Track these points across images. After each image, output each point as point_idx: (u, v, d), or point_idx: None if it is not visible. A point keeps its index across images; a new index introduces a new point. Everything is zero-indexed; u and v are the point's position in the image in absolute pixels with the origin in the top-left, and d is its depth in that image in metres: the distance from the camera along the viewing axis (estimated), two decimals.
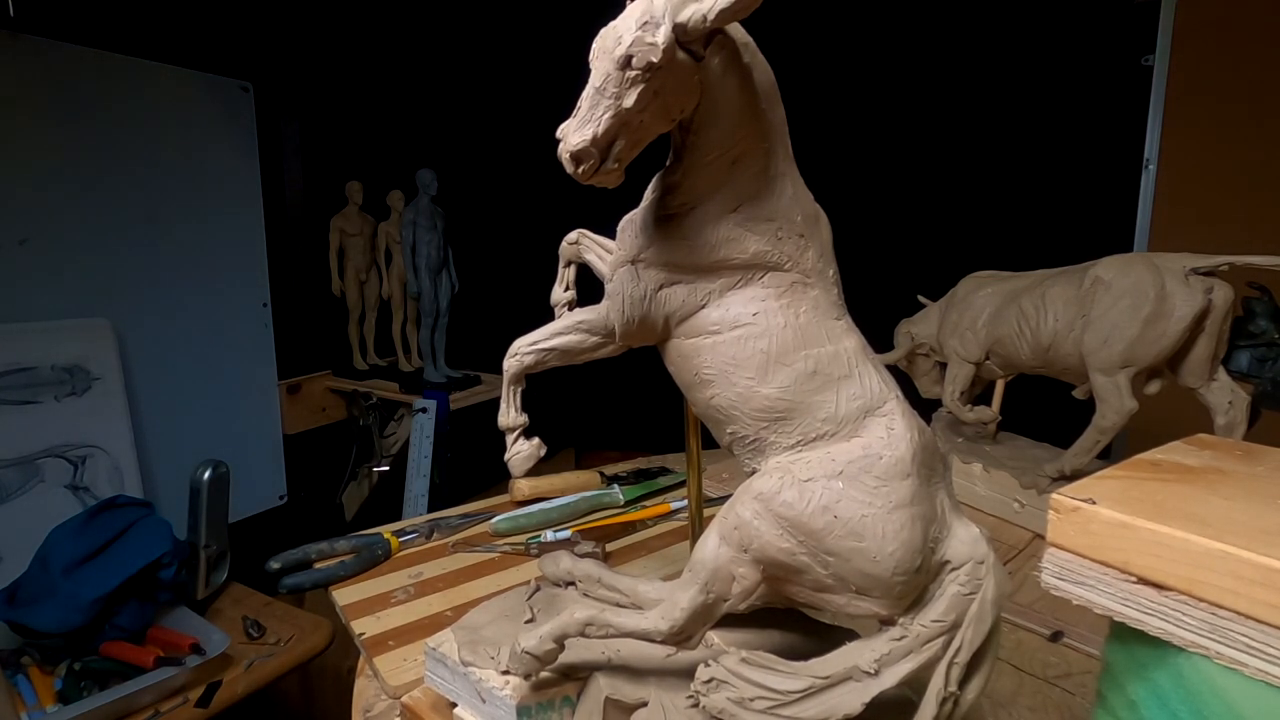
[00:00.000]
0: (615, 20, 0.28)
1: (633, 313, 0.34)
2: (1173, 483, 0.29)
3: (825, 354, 0.32)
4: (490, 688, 0.37)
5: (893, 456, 0.30)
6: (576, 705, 0.37)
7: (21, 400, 1.32)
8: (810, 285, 0.34)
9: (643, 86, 0.27)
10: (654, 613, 0.33)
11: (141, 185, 1.52)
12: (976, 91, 1.42)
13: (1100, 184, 1.29)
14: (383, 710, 0.48)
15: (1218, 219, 1.16)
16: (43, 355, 1.35)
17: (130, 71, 1.48)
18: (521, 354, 0.37)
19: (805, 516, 0.30)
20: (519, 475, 0.39)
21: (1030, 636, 0.54)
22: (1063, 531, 0.28)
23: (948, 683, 0.29)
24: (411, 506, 1.53)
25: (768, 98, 0.32)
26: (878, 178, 1.56)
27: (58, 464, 1.37)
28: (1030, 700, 0.46)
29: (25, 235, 1.35)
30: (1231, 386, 0.64)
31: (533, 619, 0.41)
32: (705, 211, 0.33)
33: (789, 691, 0.31)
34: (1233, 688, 0.24)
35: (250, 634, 0.86)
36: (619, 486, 0.83)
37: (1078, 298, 0.69)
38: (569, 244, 0.44)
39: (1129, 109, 1.23)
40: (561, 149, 0.28)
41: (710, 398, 0.34)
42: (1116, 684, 0.28)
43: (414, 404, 1.59)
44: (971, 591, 0.30)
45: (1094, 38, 1.27)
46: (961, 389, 0.82)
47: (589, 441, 2.01)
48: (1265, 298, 0.65)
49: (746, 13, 0.26)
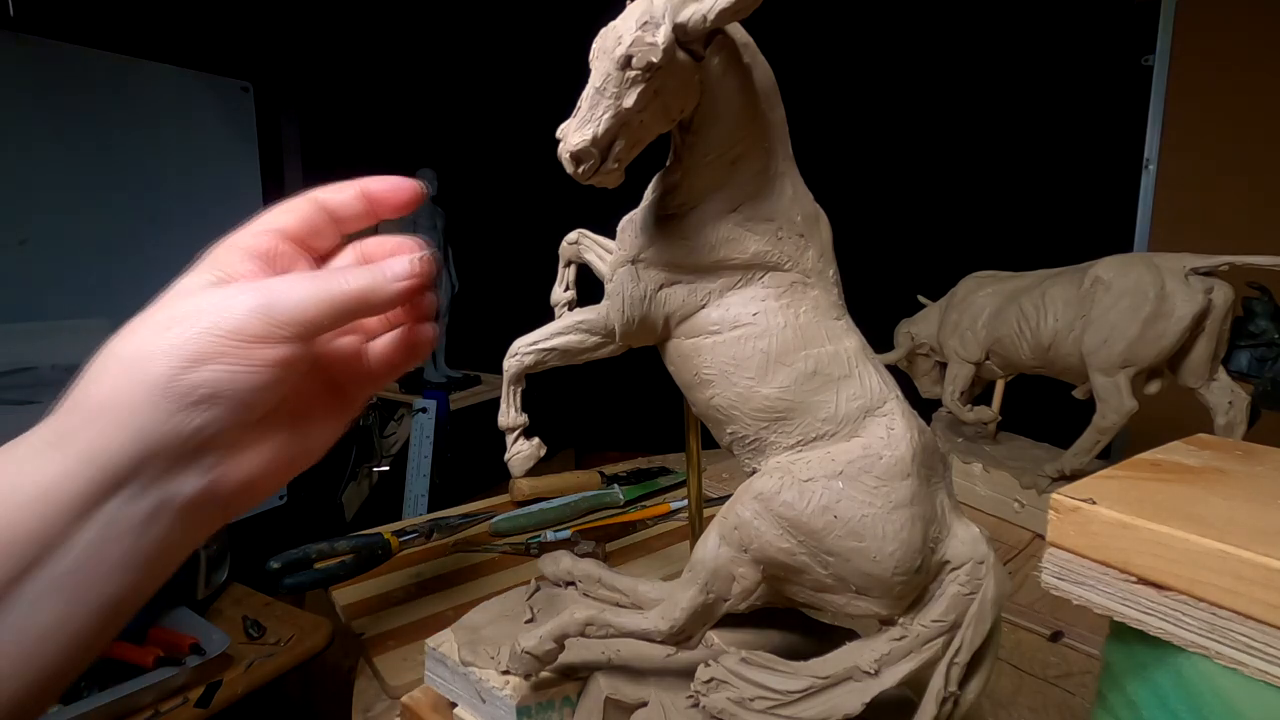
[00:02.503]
0: (615, 20, 0.28)
1: (633, 313, 0.34)
2: (1173, 483, 0.29)
3: (825, 354, 0.32)
4: (490, 688, 0.37)
5: (893, 456, 0.30)
6: (576, 705, 0.37)
7: (21, 400, 1.32)
8: (810, 285, 0.34)
9: (643, 86, 0.27)
10: (654, 613, 0.33)
11: (141, 185, 1.52)
12: (976, 91, 1.43)
13: (1100, 184, 1.29)
14: (383, 710, 0.48)
15: (1218, 219, 1.16)
16: (43, 355, 1.35)
17: (130, 71, 1.48)
18: (521, 354, 0.37)
19: (805, 516, 0.30)
20: (519, 475, 0.39)
21: (1030, 636, 0.54)
22: (1063, 531, 0.28)
23: (948, 683, 0.29)
24: (411, 506, 1.53)
25: (768, 98, 0.32)
26: (878, 178, 1.56)
27: None
28: (1030, 700, 0.46)
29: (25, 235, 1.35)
30: (1231, 386, 0.64)
31: (533, 619, 0.41)
32: (705, 211, 0.33)
33: (789, 691, 0.31)
34: (1233, 688, 0.24)
35: (250, 634, 0.85)
36: (619, 486, 0.83)
37: (1078, 298, 0.69)
38: (569, 244, 0.44)
39: (1129, 109, 1.23)
40: (561, 149, 0.28)
41: (710, 398, 0.34)
42: (1116, 684, 0.28)
43: (414, 404, 1.59)
44: (971, 591, 0.30)
45: (1094, 38, 1.27)
46: (961, 389, 0.82)
47: (589, 442, 2.01)
48: (1265, 298, 0.65)
49: (747, 13, 0.26)
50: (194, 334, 0.28)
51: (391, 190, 0.37)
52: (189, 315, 0.28)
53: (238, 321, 0.28)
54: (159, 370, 0.27)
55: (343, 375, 0.38)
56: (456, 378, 1.72)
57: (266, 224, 0.34)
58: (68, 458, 0.27)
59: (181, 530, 0.30)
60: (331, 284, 0.31)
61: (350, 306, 0.31)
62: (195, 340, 0.28)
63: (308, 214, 0.35)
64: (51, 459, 0.27)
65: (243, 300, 0.29)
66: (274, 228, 0.34)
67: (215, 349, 0.28)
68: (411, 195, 0.37)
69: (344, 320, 0.32)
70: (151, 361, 0.27)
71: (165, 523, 0.29)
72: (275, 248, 0.33)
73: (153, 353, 0.28)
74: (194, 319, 0.28)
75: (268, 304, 0.29)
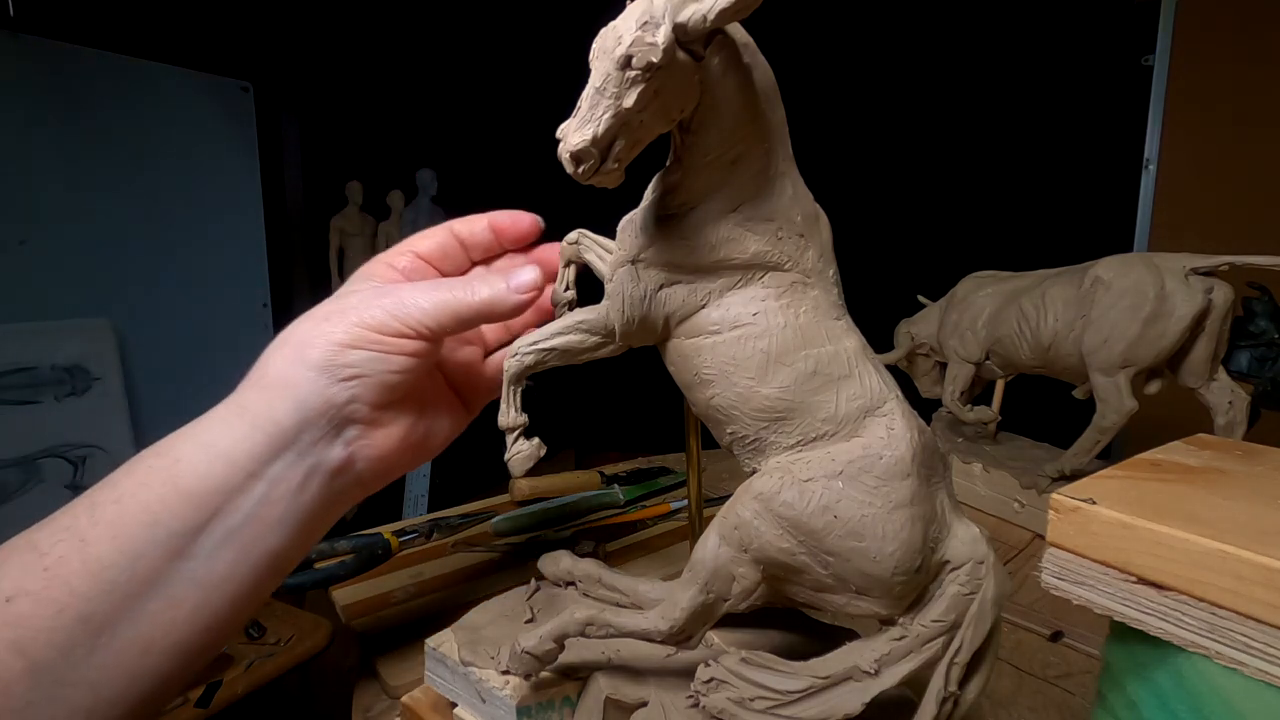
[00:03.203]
0: (615, 20, 0.28)
1: (633, 313, 0.34)
2: (1173, 483, 0.29)
3: (825, 354, 0.32)
4: (490, 688, 0.37)
5: (893, 456, 0.30)
6: (576, 705, 0.37)
7: (21, 400, 1.32)
8: (810, 285, 0.33)
9: (643, 86, 0.27)
10: (654, 613, 0.33)
11: (141, 185, 1.52)
12: (976, 91, 1.43)
13: (1100, 184, 1.29)
14: (383, 710, 0.48)
15: (1218, 219, 1.16)
16: (43, 355, 1.35)
17: (130, 71, 1.48)
18: (521, 354, 0.37)
19: (805, 516, 0.30)
20: (519, 475, 0.39)
21: (1030, 636, 0.54)
22: (1063, 531, 0.28)
23: (948, 683, 0.29)
24: (411, 506, 1.53)
25: (768, 98, 0.32)
26: (877, 178, 1.56)
27: (58, 464, 1.37)
28: (1030, 700, 0.46)
29: (25, 235, 1.35)
30: (1231, 386, 0.64)
31: (533, 619, 0.41)
32: (705, 211, 0.33)
33: (789, 691, 0.31)
34: (1233, 688, 0.24)
35: (250, 634, 0.86)
36: (619, 486, 0.83)
37: (1078, 298, 0.69)
38: (569, 244, 0.44)
39: (1129, 109, 1.23)
40: (561, 149, 0.28)
41: (710, 398, 0.34)
42: (1116, 684, 0.28)
43: None
44: (971, 591, 0.30)
45: (1094, 38, 1.27)
46: (961, 389, 0.82)
47: (589, 442, 2.01)
48: (1265, 298, 0.65)
49: (747, 13, 0.26)
50: (345, 326, 0.35)
51: (511, 223, 0.43)
52: (343, 311, 0.35)
53: (377, 319, 0.35)
54: (317, 354, 0.34)
55: (462, 383, 0.44)
56: None
57: (407, 245, 0.41)
58: (244, 423, 0.32)
59: (329, 496, 0.36)
60: (457, 291, 0.37)
61: (474, 312, 0.37)
62: (345, 331, 0.35)
63: (442, 240, 0.42)
64: (233, 425, 0.33)
65: (381, 303, 0.36)
66: (412, 249, 0.41)
67: (360, 339, 0.35)
68: (529, 227, 0.44)
69: (468, 324, 0.38)
70: (312, 347, 0.34)
71: (316, 486, 0.34)
72: (413, 264, 0.41)
73: (314, 340, 0.34)
74: (346, 314, 0.35)
75: (399, 305, 0.36)
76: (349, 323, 0.35)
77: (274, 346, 0.35)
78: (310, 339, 0.35)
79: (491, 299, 0.37)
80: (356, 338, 0.35)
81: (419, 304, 0.36)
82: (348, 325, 0.35)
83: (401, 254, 0.40)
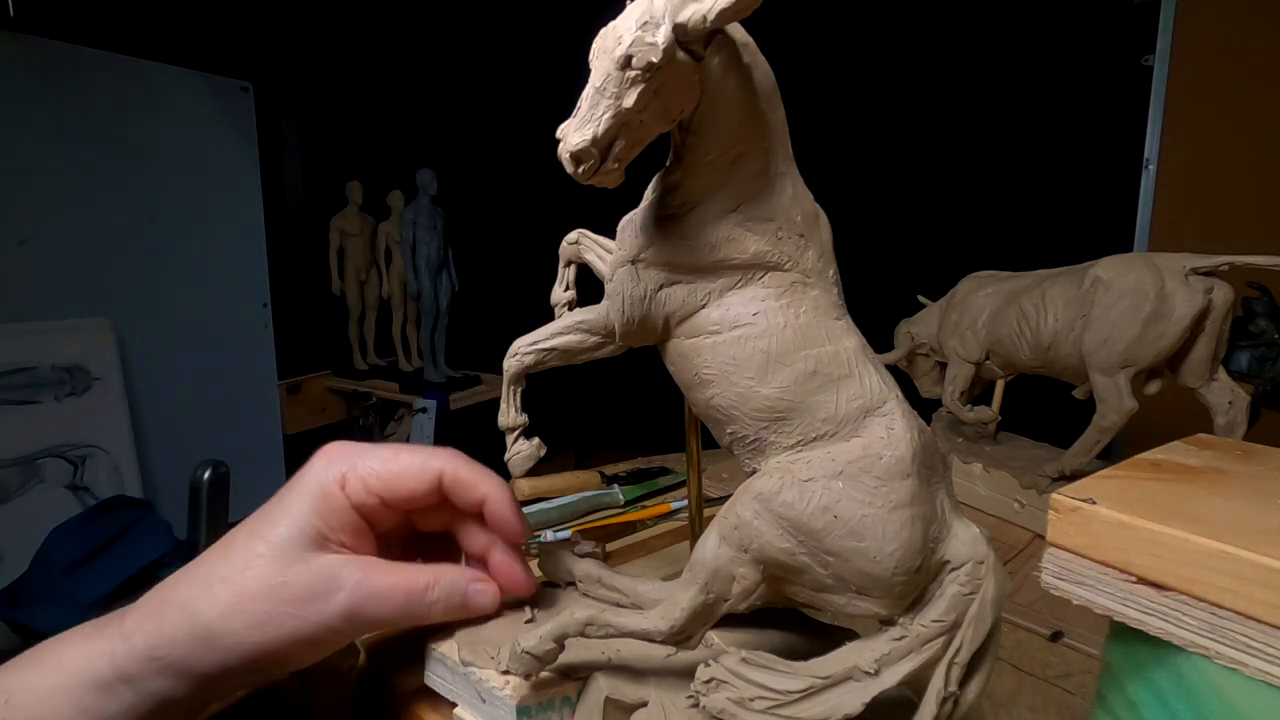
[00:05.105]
0: (615, 20, 0.28)
1: (633, 313, 0.34)
2: (1173, 483, 0.29)
3: (825, 354, 0.32)
4: (490, 688, 0.37)
5: (893, 456, 0.30)
6: (576, 705, 0.37)
7: (21, 400, 1.32)
8: (810, 285, 0.33)
9: (643, 86, 0.27)
10: (654, 613, 0.33)
11: (141, 185, 1.52)
12: (976, 91, 1.43)
13: (1100, 184, 1.29)
14: (383, 711, 0.48)
15: (1218, 219, 1.16)
16: (43, 355, 1.35)
17: (130, 71, 1.48)
18: (521, 354, 0.37)
19: (805, 516, 0.30)
20: (519, 475, 0.39)
21: (1030, 636, 0.54)
22: (1063, 531, 0.28)
23: (948, 683, 0.29)
24: None
25: (768, 98, 0.32)
26: (877, 178, 1.56)
27: (58, 464, 1.37)
28: (1030, 700, 0.46)
29: (25, 235, 1.35)
30: (1231, 386, 0.64)
31: (533, 619, 0.41)
32: (705, 211, 0.33)
33: (789, 691, 0.31)
34: (1233, 688, 0.24)
35: None
36: (619, 486, 0.83)
37: (1078, 298, 0.69)
38: (569, 244, 0.44)
39: (1129, 109, 1.23)
40: (561, 149, 0.28)
41: (710, 398, 0.34)
42: (1116, 684, 0.28)
43: (414, 404, 1.59)
44: (971, 591, 0.30)
45: (1094, 38, 1.27)
46: (961, 389, 0.82)
47: (589, 442, 2.01)
48: (1265, 298, 0.65)
49: (747, 13, 0.26)
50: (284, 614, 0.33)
51: (506, 525, 0.39)
52: (289, 586, 0.33)
53: (327, 617, 0.33)
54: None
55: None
56: (456, 378, 1.72)
57: (388, 482, 0.36)
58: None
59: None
60: (415, 609, 0.36)
61: (423, 622, 0.37)
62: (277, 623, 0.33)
63: (428, 501, 0.37)
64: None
65: (339, 600, 0.33)
66: (387, 493, 0.36)
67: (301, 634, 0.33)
68: (516, 540, 0.40)
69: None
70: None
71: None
72: (376, 512, 0.36)
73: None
74: (302, 596, 0.33)
75: (356, 610, 0.34)
76: (288, 611, 0.33)
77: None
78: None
79: (448, 613, 0.38)
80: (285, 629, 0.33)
81: (376, 613, 0.35)
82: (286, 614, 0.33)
83: (369, 493, 0.35)
